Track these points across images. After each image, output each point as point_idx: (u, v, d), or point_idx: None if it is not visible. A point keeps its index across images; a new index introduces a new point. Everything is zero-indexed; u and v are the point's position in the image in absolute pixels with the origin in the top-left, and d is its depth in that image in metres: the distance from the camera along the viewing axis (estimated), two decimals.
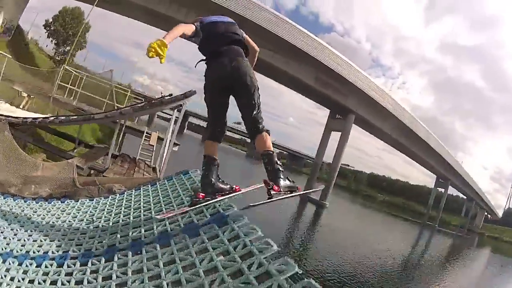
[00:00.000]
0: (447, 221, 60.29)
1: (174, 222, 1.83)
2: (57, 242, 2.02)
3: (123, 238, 1.86)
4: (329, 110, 36.94)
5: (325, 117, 37.97)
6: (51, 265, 1.73)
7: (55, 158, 7.22)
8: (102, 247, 1.84)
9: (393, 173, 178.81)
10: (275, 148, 2.33)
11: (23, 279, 1.60)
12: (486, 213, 68.85)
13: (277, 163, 1.86)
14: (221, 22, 2.12)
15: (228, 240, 1.42)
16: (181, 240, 1.58)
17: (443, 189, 54.67)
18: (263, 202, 1.73)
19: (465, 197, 64.19)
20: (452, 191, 60.07)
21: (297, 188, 1.89)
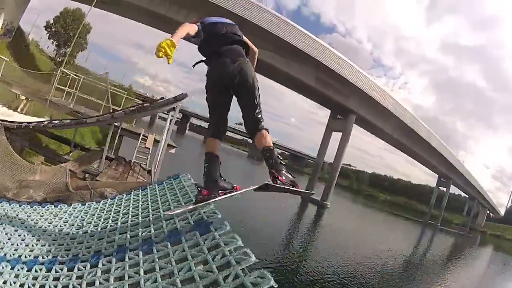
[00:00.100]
0: (449, 220, 60.16)
1: (159, 229, 1.83)
2: (48, 247, 2.06)
3: (109, 244, 1.88)
4: (330, 110, 36.92)
5: (326, 117, 37.99)
6: (41, 269, 1.77)
7: (54, 160, 7.23)
8: (88, 252, 1.86)
9: (395, 172, 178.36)
10: (277, 149, 2.36)
11: (14, 282, 1.64)
12: (488, 212, 68.73)
13: (278, 157, 1.90)
14: (222, 23, 2.14)
15: (208, 249, 1.41)
16: (163, 248, 1.59)
17: (445, 188, 54.71)
18: (265, 186, 1.77)
19: (467, 196, 64.09)
20: (454, 190, 60.13)
21: (297, 185, 1.93)
